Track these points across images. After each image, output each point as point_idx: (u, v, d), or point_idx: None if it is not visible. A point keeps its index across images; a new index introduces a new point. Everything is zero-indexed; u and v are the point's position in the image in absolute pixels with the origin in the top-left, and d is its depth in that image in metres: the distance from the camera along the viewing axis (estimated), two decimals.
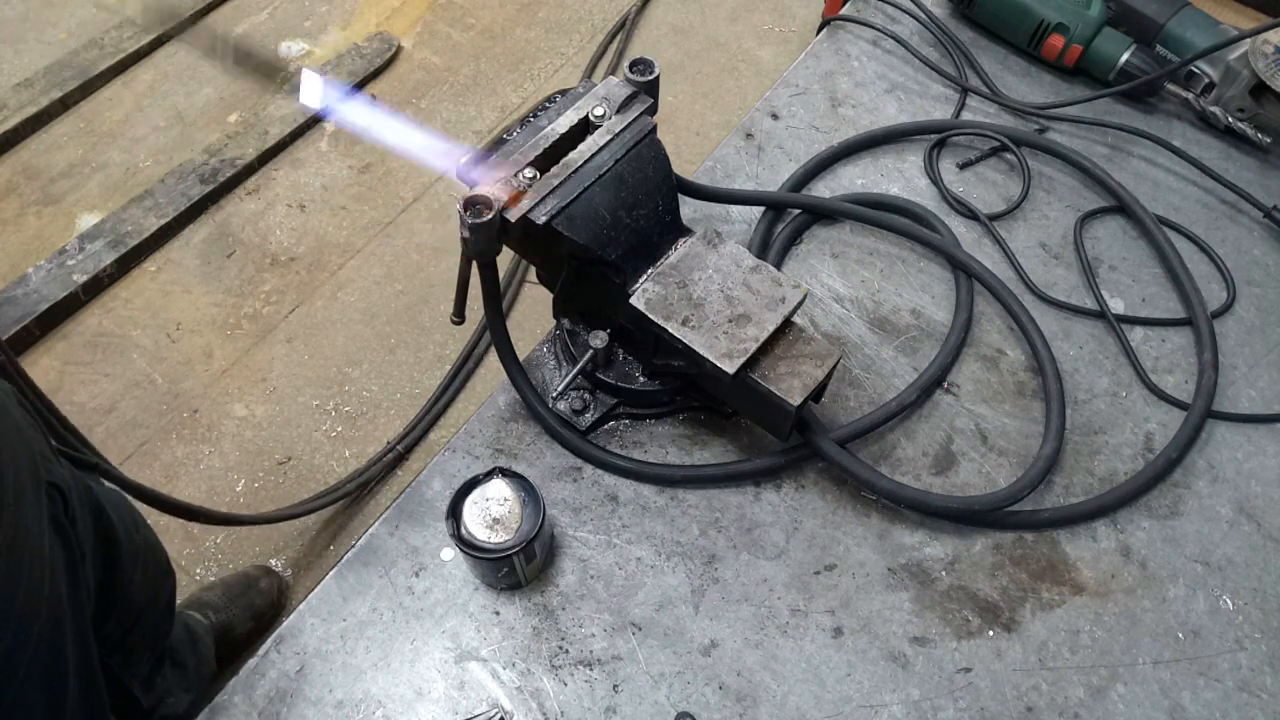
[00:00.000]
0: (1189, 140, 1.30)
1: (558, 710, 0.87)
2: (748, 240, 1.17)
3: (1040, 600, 0.95)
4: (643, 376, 1.01)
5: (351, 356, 2.08)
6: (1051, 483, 1.02)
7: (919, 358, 1.10)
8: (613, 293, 0.92)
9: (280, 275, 2.20)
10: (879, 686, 0.90)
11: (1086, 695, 0.90)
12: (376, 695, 0.88)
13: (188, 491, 1.86)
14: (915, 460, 1.03)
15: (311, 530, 1.84)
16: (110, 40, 2.54)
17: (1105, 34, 1.31)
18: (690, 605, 0.93)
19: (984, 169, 1.27)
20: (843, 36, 1.42)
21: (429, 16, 2.73)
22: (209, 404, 1.99)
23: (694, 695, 0.89)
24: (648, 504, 0.99)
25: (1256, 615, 0.95)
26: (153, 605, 1.20)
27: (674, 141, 2.42)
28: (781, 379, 0.88)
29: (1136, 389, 1.09)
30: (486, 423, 1.04)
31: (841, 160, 1.27)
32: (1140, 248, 1.21)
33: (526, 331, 1.99)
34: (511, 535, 0.86)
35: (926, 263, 1.18)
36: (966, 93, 1.34)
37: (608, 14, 2.74)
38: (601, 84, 0.95)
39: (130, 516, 1.16)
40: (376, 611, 0.92)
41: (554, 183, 0.87)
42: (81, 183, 2.33)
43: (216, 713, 0.87)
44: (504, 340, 0.98)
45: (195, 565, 1.79)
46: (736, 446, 1.03)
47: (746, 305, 0.89)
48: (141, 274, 2.18)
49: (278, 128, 2.40)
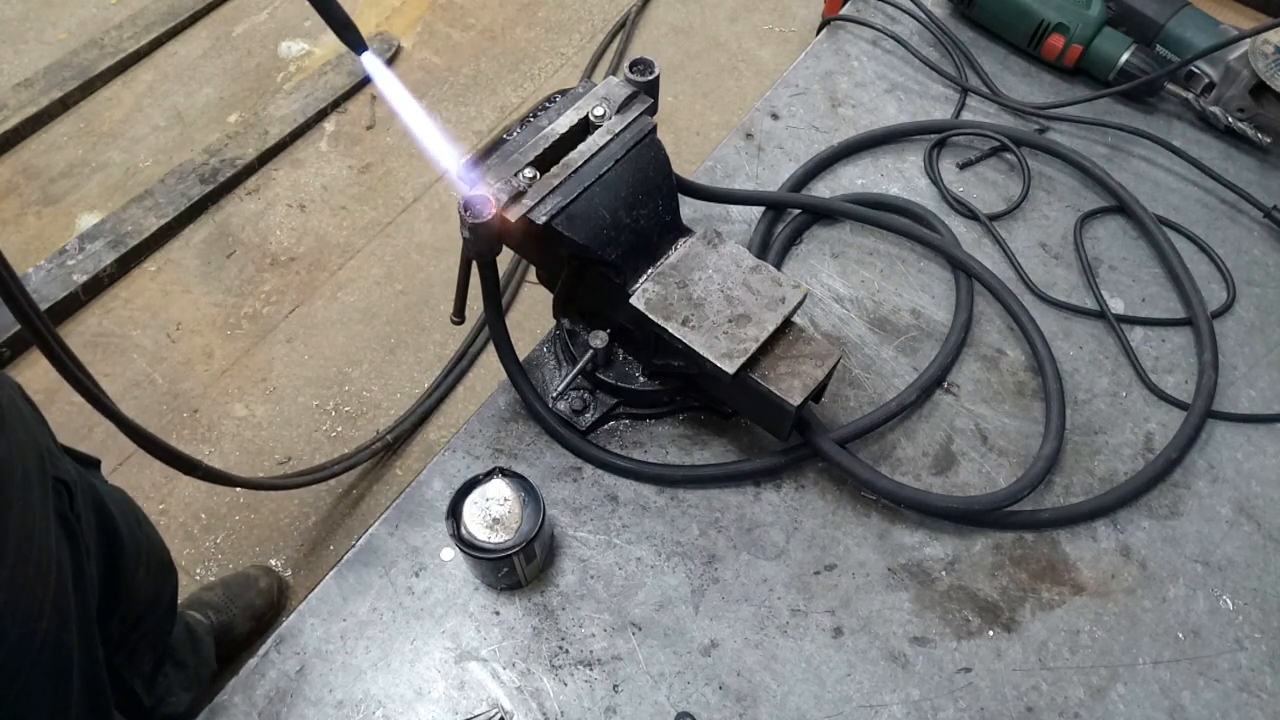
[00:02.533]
0: (1189, 140, 1.30)
1: (558, 710, 0.87)
2: (748, 240, 1.17)
3: (1040, 600, 0.95)
4: (643, 376, 1.00)
5: (351, 356, 2.07)
6: (1051, 483, 1.02)
7: (919, 358, 1.10)
8: (613, 293, 0.92)
9: (280, 275, 2.19)
10: (879, 686, 0.90)
11: (1086, 695, 0.90)
12: (376, 695, 0.88)
13: (188, 491, 1.86)
14: (915, 460, 1.03)
15: (311, 530, 1.84)
16: (110, 40, 2.54)
17: (1105, 34, 1.31)
18: (690, 605, 0.93)
19: (984, 169, 1.27)
20: (843, 36, 1.42)
21: (429, 16, 2.73)
22: (209, 404, 1.99)
23: (694, 695, 0.89)
24: (648, 504, 0.99)
25: (1256, 615, 0.95)
26: (155, 603, 1.20)
27: (674, 141, 2.42)
28: (781, 379, 0.88)
29: (1136, 389, 1.09)
30: (486, 423, 1.04)
31: (841, 160, 1.27)
32: (1140, 248, 1.21)
33: (526, 331, 1.99)
34: (511, 535, 0.86)
35: (926, 263, 1.18)
36: (966, 93, 1.34)
37: (608, 14, 2.74)
38: (601, 84, 0.95)
39: (133, 514, 1.16)
40: (376, 611, 0.92)
41: (554, 183, 0.87)
42: (81, 183, 2.33)
43: (216, 712, 0.87)
44: (504, 340, 0.98)
45: (195, 565, 1.78)
46: (736, 446, 1.03)
47: (746, 305, 0.89)
48: (141, 274, 2.18)
49: (278, 128, 2.39)
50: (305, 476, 1.60)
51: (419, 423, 1.97)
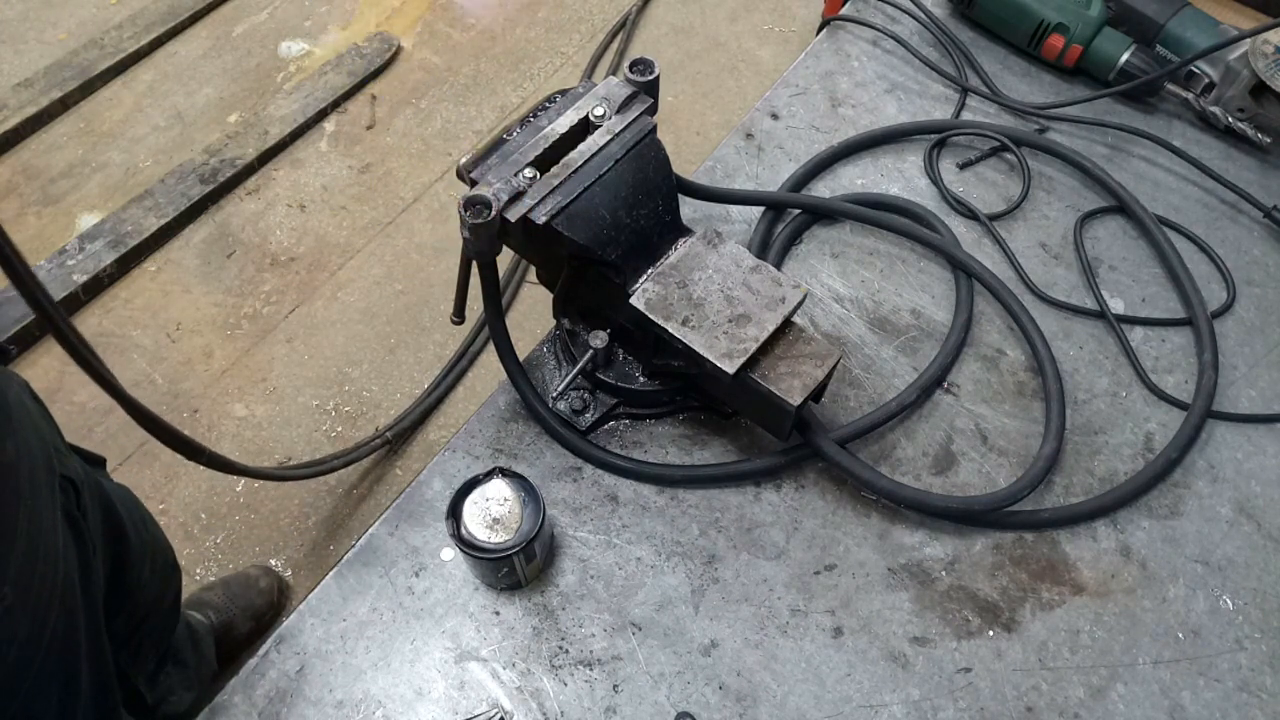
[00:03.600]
0: (1189, 140, 1.30)
1: (558, 710, 0.87)
2: (748, 240, 1.17)
3: (1040, 600, 0.95)
4: (643, 376, 1.00)
5: (351, 356, 2.07)
6: (1051, 483, 1.02)
7: (919, 358, 1.10)
8: (613, 293, 0.92)
9: (280, 275, 2.19)
10: (879, 686, 0.90)
11: (1086, 695, 0.90)
12: (376, 695, 0.88)
13: (188, 492, 1.86)
14: (915, 460, 1.03)
15: (311, 530, 1.84)
16: (110, 40, 2.54)
17: (1105, 34, 1.31)
18: (690, 605, 0.93)
19: (984, 169, 1.27)
20: (843, 36, 1.42)
21: (429, 16, 2.73)
22: (209, 404, 1.99)
23: (694, 695, 0.89)
24: (648, 504, 0.99)
25: (1256, 615, 0.95)
26: (160, 602, 1.20)
27: (674, 141, 2.42)
28: (781, 379, 0.88)
29: (1136, 389, 1.09)
30: (486, 423, 1.04)
31: (841, 160, 1.27)
32: (1140, 248, 1.21)
33: (526, 331, 1.99)
34: (511, 535, 0.86)
35: (926, 263, 1.18)
36: (966, 93, 1.34)
37: (608, 14, 2.74)
38: (601, 84, 0.95)
39: (138, 513, 1.16)
40: (376, 611, 0.92)
41: (554, 183, 0.87)
42: (81, 183, 2.33)
43: (217, 712, 0.87)
44: (504, 340, 0.98)
45: (195, 565, 1.78)
46: (736, 446, 1.03)
47: (746, 305, 0.89)
48: (141, 274, 2.18)
49: (278, 128, 2.39)
50: (306, 469, 1.60)
51: (419, 421, 1.97)
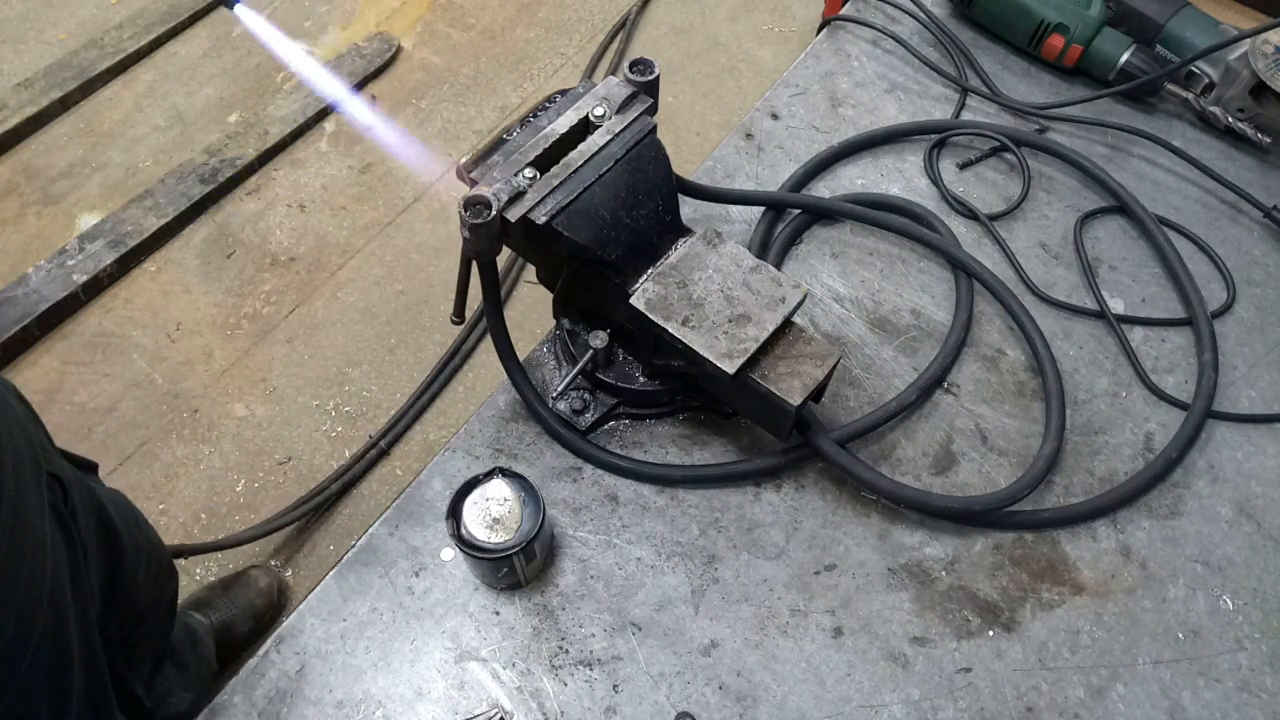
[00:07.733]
0: (1189, 140, 1.30)
1: (558, 710, 0.87)
2: (748, 240, 1.17)
3: (1040, 600, 0.95)
4: (643, 376, 1.00)
5: (351, 356, 2.08)
6: (1051, 483, 1.02)
7: (919, 358, 1.10)
8: (613, 293, 0.92)
9: (280, 275, 2.20)
10: (879, 686, 0.90)
11: (1086, 695, 0.90)
12: (376, 695, 0.88)
13: (188, 492, 1.86)
14: (915, 460, 1.03)
15: (311, 530, 1.84)
16: (110, 40, 2.54)
17: (1105, 34, 1.31)
18: (690, 605, 0.93)
19: (984, 169, 1.27)
20: (843, 36, 1.42)
21: (429, 16, 2.73)
22: (209, 404, 1.99)
23: (694, 695, 0.89)
24: (648, 504, 0.99)
25: (1256, 615, 0.95)
26: (156, 605, 1.20)
27: (674, 141, 2.42)
28: (781, 379, 0.88)
29: (1136, 389, 1.09)
30: (486, 423, 1.04)
31: (841, 160, 1.27)
32: (1140, 248, 1.21)
33: (526, 331, 1.99)
34: (511, 535, 0.86)
35: (926, 263, 1.18)
36: (966, 93, 1.34)
37: (608, 14, 2.74)
38: (601, 84, 0.95)
39: (132, 516, 1.16)
40: (376, 611, 0.92)
41: (554, 183, 0.87)
42: (81, 183, 2.33)
43: (217, 713, 0.87)
44: (504, 340, 0.98)
45: (195, 565, 1.79)
46: (736, 446, 1.03)
47: (746, 305, 0.89)
48: (141, 274, 2.18)
49: (278, 128, 2.40)
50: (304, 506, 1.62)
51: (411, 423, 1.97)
